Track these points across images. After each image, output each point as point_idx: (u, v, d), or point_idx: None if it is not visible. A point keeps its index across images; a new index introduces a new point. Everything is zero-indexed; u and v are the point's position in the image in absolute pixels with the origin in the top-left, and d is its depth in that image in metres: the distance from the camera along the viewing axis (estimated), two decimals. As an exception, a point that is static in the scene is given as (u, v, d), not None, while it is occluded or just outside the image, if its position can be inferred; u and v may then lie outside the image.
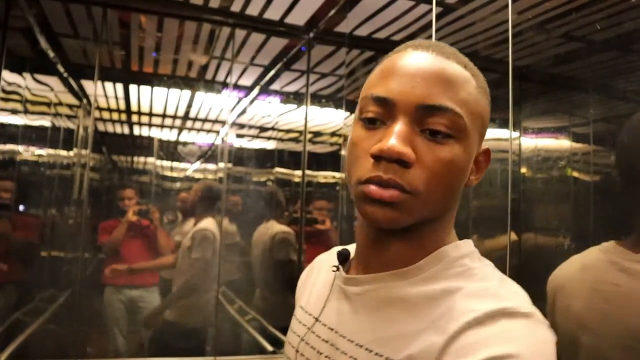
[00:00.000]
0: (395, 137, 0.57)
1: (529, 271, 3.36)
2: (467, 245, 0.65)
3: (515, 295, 0.56)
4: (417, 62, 0.60)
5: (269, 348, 2.77)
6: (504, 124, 2.02)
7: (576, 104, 3.31)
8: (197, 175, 4.85)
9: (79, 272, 3.56)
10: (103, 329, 3.47)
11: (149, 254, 3.57)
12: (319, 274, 0.81)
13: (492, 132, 3.72)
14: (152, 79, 3.58)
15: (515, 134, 3.57)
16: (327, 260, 0.83)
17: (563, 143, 3.54)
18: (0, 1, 2.27)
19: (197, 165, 4.88)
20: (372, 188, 0.57)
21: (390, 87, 0.60)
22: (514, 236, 2.93)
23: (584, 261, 1.27)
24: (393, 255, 0.64)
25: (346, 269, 0.73)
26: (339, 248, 0.79)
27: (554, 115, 3.57)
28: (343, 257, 0.72)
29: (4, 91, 2.38)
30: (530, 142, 3.64)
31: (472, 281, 0.59)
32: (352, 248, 0.77)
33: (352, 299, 0.66)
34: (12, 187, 2.83)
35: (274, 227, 3.36)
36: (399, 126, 0.58)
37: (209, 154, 4.85)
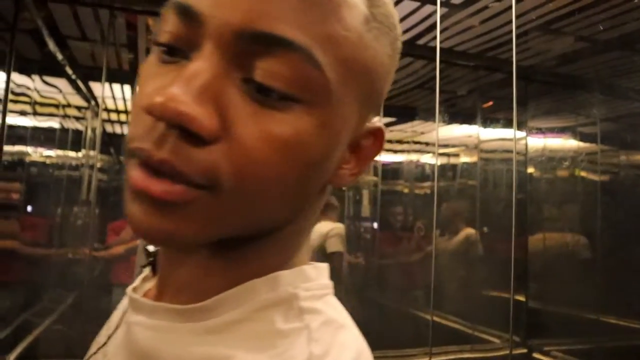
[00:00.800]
0: (183, 84, 0.31)
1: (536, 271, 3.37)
2: (296, 281, 0.39)
3: None
4: None
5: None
6: (509, 124, 2.02)
7: (582, 104, 3.32)
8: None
9: (87, 272, 3.60)
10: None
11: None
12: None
13: (498, 132, 3.73)
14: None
15: (522, 134, 3.58)
16: None
17: (569, 142, 3.54)
18: (9, 4, 2.30)
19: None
20: (137, 175, 0.32)
21: None
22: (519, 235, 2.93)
23: None
24: (185, 280, 0.40)
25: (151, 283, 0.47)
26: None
27: (560, 114, 3.57)
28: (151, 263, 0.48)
29: (13, 93, 2.41)
30: (536, 142, 3.65)
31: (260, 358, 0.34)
32: None
33: (124, 335, 0.42)
34: (21, 188, 2.87)
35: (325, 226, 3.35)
36: (199, 63, 0.32)
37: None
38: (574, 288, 2.99)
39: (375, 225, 4.63)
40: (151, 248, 0.47)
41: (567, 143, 3.49)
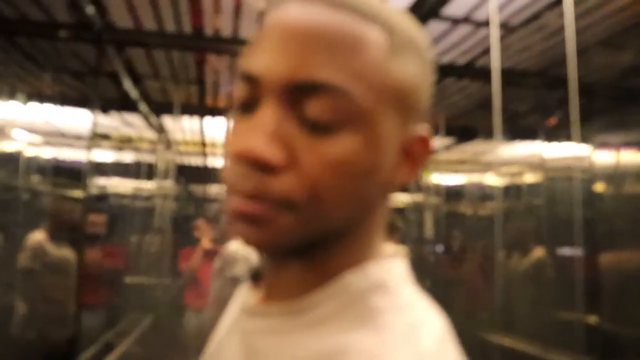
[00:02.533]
0: (256, 132, 0.41)
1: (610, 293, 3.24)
2: (381, 270, 0.47)
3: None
4: (293, 21, 0.43)
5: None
6: (574, 140, 1.99)
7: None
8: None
9: (162, 296, 3.77)
10: (183, 352, 3.64)
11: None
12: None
13: (560, 149, 3.66)
14: (226, 112, 3.79)
15: (587, 150, 3.49)
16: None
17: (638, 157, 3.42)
18: (92, 52, 2.53)
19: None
20: (235, 201, 0.42)
21: (256, 58, 0.43)
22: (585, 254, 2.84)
23: None
24: (289, 282, 0.48)
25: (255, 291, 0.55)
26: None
27: (628, 129, 3.46)
28: (255, 276, 0.56)
29: (97, 132, 2.61)
30: (603, 158, 3.55)
31: (370, 334, 0.42)
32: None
33: (242, 340, 0.50)
34: (104, 219, 3.07)
35: None
36: (263, 115, 0.41)
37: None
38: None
39: (440, 248, 4.59)
40: (253, 265, 0.57)
41: (636, 158, 3.38)
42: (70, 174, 2.54)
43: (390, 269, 0.48)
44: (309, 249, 0.45)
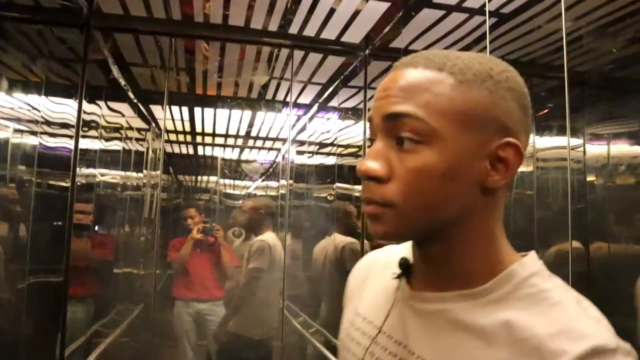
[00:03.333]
0: (367, 155, 0.60)
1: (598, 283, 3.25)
2: (533, 262, 0.62)
3: (599, 326, 0.54)
4: (389, 78, 0.63)
5: (334, 360, 2.80)
6: (563, 131, 1.99)
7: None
8: (259, 193, 5.00)
9: (151, 286, 3.74)
10: (174, 342, 3.62)
11: (214, 268, 3.71)
12: (377, 279, 0.78)
13: (552, 140, 3.65)
14: (215, 101, 3.75)
15: (579, 141, 3.48)
16: (381, 261, 0.80)
17: (631, 149, 3.42)
18: (80, 38, 2.47)
19: (259, 182, 5.03)
20: (363, 206, 0.62)
21: (373, 105, 0.63)
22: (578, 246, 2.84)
23: None
24: (445, 270, 0.63)
25: (407, 279, 0.70)
26: (394, 248, 0.80)
27: (620, 120, 3.45)
28: (405, 267, 0.70)
29: (83, 120, 2.56)
30: (594, 149, 3.54)
31: (548, 308, 0.56)
32: (404, 248, 0.76)
33: (420, 316, 0.64)
34: (92, 208, 3.02)
35: (339, 239, 3.40)
36: (375, 143, 0.61)
37: (270, 172, 4.99)
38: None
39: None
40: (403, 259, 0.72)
41: (629, 149, 3.38)
42: (56, 162, 2.49)
43: (536, 260, 0.62)
44: (431, 240, 0.62)
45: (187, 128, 4.47)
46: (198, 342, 3.65)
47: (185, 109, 3.90)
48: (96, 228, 3.33)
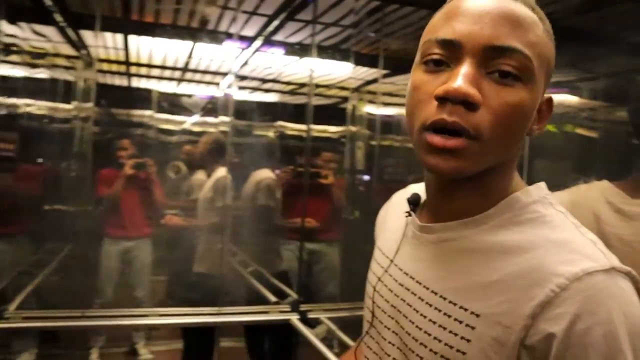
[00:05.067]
0: (462, 78, 0.56)
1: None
2: (538, 190, 0.65)
3: (594, 248, 0.57)
4: (483, 3, 0.59)
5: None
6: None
7: (583, 58, 3.27)
8: (196, 129, 4.83)
9: (81, 224, 3.59)
10: (104, 279, 3.53)
11: (145, 206, 3.60)
12: (394, 216, 0.82)
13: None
14: (152, 29, 3.50)
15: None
16: (399, 201, 0.83)
17: (568, 98, 3.52)
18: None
19: (196, 118, 4.85)
20: (436, 138, 0.57)
21: (456, 28, 0.59)
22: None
23: (573, 198, 1.21)
24: (461, 204, 0.65)
25: (418, 214, 0.73)
26: (415, 187, 0.81)
27: (559, 69, 3.53)
28: (414, 202, 0.74)
29: (2, 43, 2.32)
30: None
31: (547, 230, 0.59)
32: (421, 188, 0.76)
33: (426, 247, 0.68)
34: (16, 138, 2.81)
35: (259, 174, 3.36)
36: (465, 68, 0.57)
37: (209, 107, 4.81)
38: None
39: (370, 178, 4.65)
40: (412, 197, 0.75)
41: (567, 98, 3.48)
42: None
43: (542, 189, 0.66)
44: (479, 176, 0.61)
45: (122, 57, 4.19)
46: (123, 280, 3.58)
47: (119, 36, 3.62)
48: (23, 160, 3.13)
